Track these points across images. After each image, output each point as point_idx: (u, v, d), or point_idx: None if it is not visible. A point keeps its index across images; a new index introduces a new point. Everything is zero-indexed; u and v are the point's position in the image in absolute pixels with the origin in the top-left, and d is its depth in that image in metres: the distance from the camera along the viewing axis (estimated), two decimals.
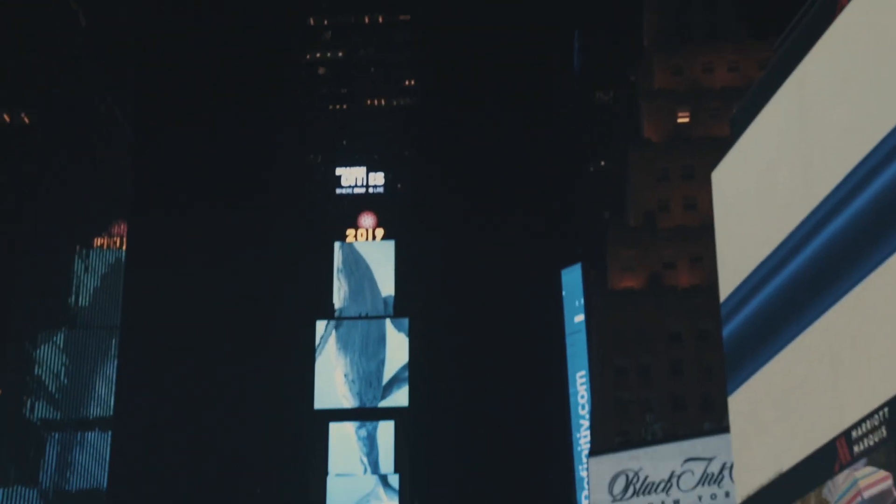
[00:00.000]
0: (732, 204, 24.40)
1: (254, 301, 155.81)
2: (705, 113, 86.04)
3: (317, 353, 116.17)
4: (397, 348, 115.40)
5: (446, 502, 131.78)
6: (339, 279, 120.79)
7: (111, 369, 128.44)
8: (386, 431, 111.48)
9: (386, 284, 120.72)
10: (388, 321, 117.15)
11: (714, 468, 44.73)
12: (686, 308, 79.74)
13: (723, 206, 24.87)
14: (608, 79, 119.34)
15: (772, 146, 22.34)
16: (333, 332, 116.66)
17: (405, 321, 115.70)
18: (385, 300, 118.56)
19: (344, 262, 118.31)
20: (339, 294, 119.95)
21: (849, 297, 18.69)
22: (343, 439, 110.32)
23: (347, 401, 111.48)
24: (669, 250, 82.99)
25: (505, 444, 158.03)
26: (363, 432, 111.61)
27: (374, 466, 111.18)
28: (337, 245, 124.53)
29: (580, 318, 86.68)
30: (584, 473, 75.11)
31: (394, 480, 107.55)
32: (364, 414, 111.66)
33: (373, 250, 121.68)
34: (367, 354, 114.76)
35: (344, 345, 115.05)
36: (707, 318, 72.65)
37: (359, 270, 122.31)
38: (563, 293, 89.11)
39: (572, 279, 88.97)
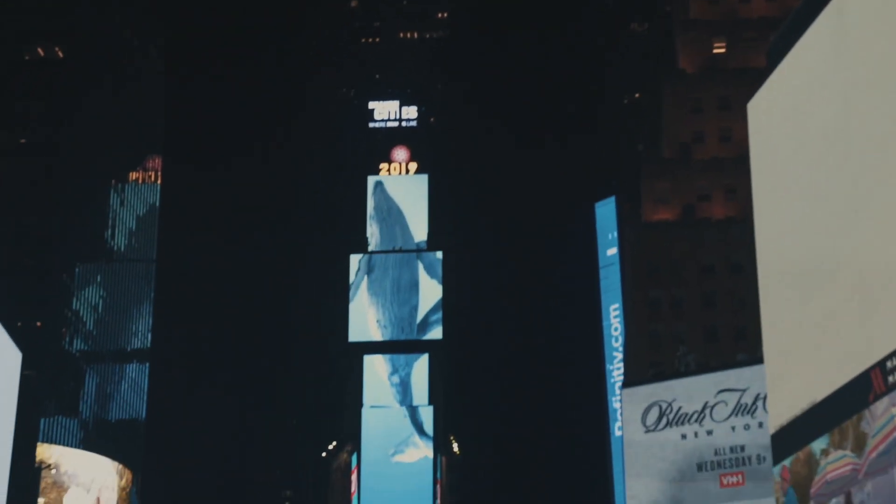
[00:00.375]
0: (768, 135, 24.29)
1: (288, 234, 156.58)
2: (741, 43, 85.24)
3: (351, 288, 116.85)
4: (430, 286, 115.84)
5: (479, 435, 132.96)
6: (371, 225, 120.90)
7: (148, 302, 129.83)
8: (420, 364, 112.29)
9: (419, 229, 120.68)
10: (420, 261, 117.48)
11: (747, 399, 44.92)
12: (720, 240, 79.65)
13: (758, 137, 24.75)
14: (643, 9, 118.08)
15: (809, 76, 22.18)
16: (366, 275, 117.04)
17: (438, 258, 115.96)
18: (418, 245, 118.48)
19: (376, 208, 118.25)
20: (372, 241, 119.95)
21: (883, 226, 18.65)
22: (377, 371, 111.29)
23: (381, 335, 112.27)
24: (704, 182, 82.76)
25: (538, 377, 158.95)
26: (397, 363, 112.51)
27: (408, 399, 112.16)
28: (370, 187, 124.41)
29: (613, 251, 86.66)
30: (617, 405, 75.53)
31: (428, 425, 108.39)
32: (398, 346, 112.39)
33: (405, 191, 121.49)
34: (400, 294, 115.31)
35: (377, 285, 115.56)
36: (741, 250, 72.55)
37: (391, 217, 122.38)
38: (597, 226, 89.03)
39: (606, 212, 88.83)
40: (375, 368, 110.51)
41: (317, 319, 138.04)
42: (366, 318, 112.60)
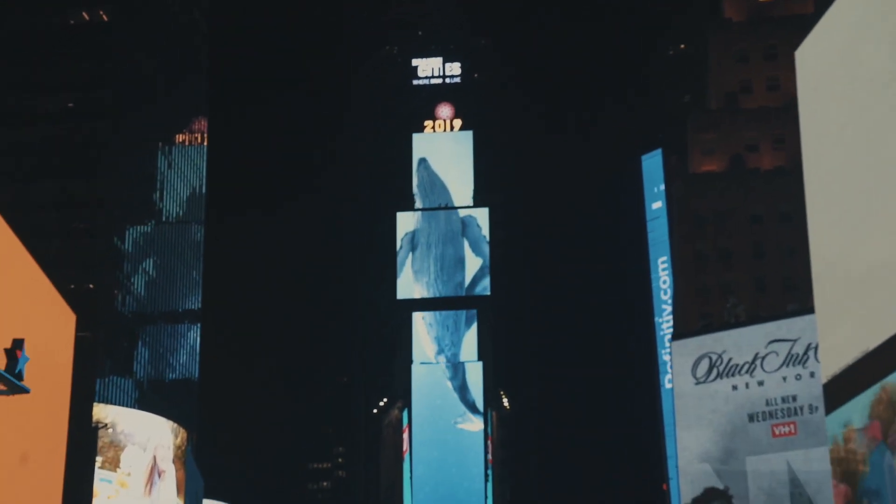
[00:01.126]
0: (817, 83, 24.06)
1: (334, 193, 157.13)
2: None
3: (398, 246, 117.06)
4: (477, 245, 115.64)
5: (529, 390, 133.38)
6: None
7: (198, 264, 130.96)
8: (468, 321, 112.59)
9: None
10: (465, 218, 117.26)
11: (799, 349, 44.76)
12: (768, 190, 79.04)
13: (807, 85, 24.53)
14: None
15: (858, 22, 21.92)
16: (413, 233, 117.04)
17: (485, 215, 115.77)
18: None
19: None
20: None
21: None
22: (425, 328, 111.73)
23: (429, 292, 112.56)
24: (751, 132, 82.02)
25: (587, 332, 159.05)
26: (445, 320, 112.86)
27: (456, 356, 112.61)
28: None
29: (660, 204, 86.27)
30: (666, 357, 75.49)
31: (477, 390, 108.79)
32: (446, 303, 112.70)
33: (449, 154, 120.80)
34: (446, 253, 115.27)
35: (424, 244, 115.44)
36: (790, 199, 71.96)
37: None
38: (644, 179, 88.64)
39: (652, 165, 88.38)
40: (423, 325, 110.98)
41: (365, 278, 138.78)
42: (413, 276, 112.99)
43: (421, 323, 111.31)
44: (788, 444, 44.49)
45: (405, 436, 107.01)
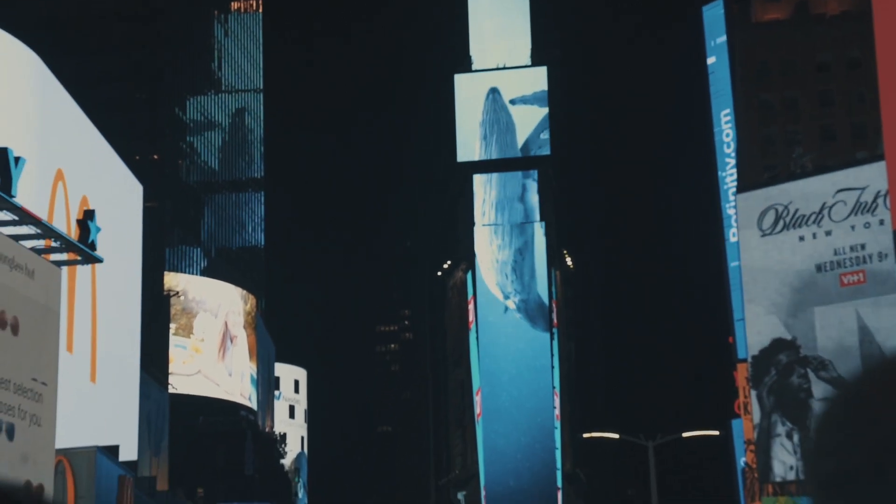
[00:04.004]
0: None
1: (393, 55, 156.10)
2: None
3: (455, 107, 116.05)
4: (534, 105, 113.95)
5: (593, 249, 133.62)
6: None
7: (259, 131, 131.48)
8: (529, 181, 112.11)
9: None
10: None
11: (867, 197, 44.28)
12: (835, 36, 77.17)
13: None
14: None
15: None
16: (472, 95, 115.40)
17: (543, 74, 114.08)
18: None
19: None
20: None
21: None
22: (486, 190, 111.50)
23: (489, 154, 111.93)
24: None
25: (649, 189, 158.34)
26: (506, 181, 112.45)
27: (518, 217, 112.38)
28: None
29: (722, 55, 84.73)
30: (731, 211, 75.01)
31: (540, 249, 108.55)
32: (506, 164, 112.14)
33: (505, 9, 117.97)
34: (501, 118, 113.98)
35: (487, 107, 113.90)
36: (858, 45, 70.31)
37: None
38: (705, 31, 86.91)
39: (714, 15, 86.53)
40: (485, 187, 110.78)
41: (425, 140, 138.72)
42: (473, 138, 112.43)
43: (481, 185, 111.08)
44: (857, 292, 44.34)
45: (471, 307, 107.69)
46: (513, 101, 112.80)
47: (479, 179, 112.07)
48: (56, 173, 37.76)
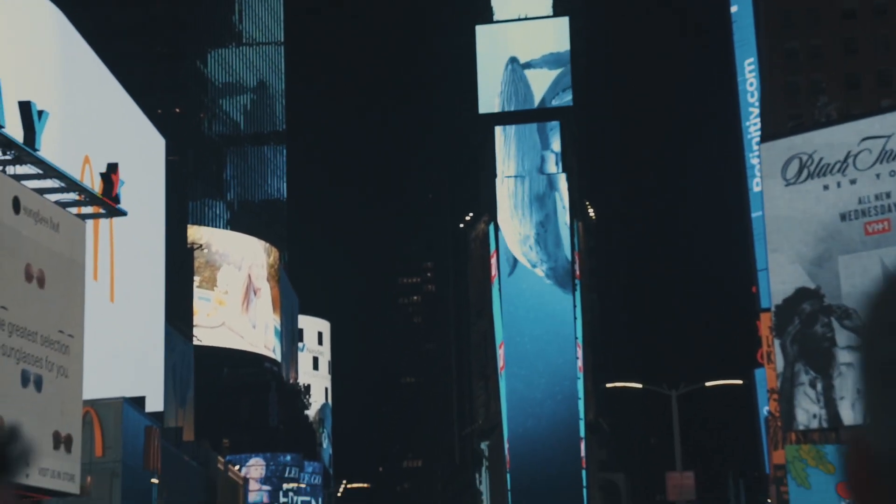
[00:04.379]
0: None
1: (411, 10, 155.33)
2: None
3: (477, 59, 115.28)
4: (555, 57, 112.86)
5: (612, 200, 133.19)
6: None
7: (280, 84, 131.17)
8: (552, 133, 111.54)
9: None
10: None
11: (893, 145, 43.93)
12: None
13: None
14: None
15: None
16: (491, 49, 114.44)
17: (566, 25, 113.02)
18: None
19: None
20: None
21: None
22: (507, 142, 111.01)
23: (510, 106, 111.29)
24: None
25: (672, 138, 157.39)
26: (528, 133, 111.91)
27: (540, 168, 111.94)
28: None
29: (745, 4, 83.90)
30: (754, 161, 74.57)
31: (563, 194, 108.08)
32: (528, 116, 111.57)
33: None
34: (516, 69, 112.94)
35: (505, 59, 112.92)
36: None
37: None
38: None
39: None
40: (506, 139, 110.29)
41: (447, 92, 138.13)
42: (494, 90, 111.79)
43: (502, 136, 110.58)
44: (882, 241, 44.10)
45: (493, 261, 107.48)
46: (530, 65, 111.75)
47: (499, 131, 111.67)
48: (79, 127, 37.84)
